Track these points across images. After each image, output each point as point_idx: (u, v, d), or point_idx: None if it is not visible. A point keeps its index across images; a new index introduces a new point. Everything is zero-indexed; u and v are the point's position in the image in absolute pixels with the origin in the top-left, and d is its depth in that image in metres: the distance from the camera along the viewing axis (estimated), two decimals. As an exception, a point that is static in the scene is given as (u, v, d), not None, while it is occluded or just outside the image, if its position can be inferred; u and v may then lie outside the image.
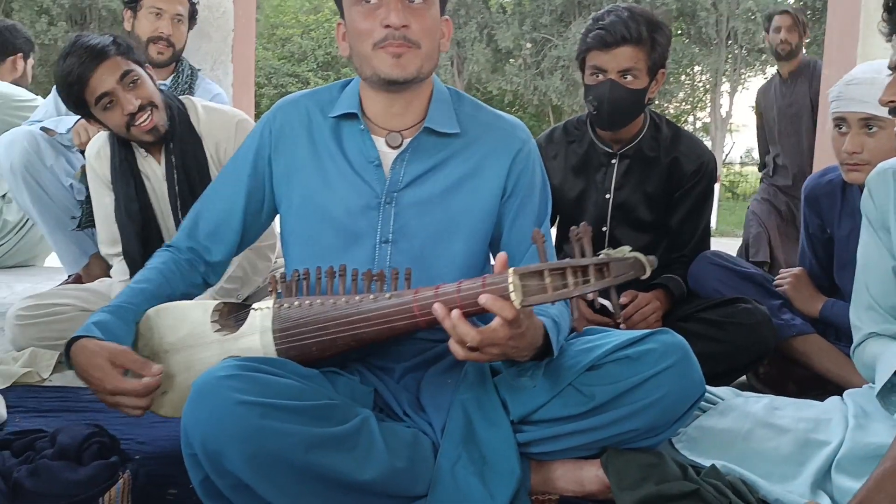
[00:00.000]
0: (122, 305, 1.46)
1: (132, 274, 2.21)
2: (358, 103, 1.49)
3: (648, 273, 1.18)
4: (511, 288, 1.16)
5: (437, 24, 1.43)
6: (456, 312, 1.19)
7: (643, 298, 2.09)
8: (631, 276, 1.17)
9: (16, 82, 3.52)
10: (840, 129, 1.94)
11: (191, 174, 2.12)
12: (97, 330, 1.40)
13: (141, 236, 2.16)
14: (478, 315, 1.22)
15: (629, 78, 2.07)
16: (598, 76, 2.09)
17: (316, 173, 1.50)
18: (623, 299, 2.06)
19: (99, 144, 2.21)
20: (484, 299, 1.17)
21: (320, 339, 1.35)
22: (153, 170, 2.19)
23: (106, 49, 2.00)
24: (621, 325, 2.04)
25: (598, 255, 1.17)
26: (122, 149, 2.16)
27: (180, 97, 2.25)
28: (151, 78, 2.12)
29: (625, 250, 1.18)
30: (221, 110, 2.28)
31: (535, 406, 1.36)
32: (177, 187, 2.14)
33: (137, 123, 2.04)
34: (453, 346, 1.21)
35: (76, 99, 2.03)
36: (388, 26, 1.36)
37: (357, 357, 1.49)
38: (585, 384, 1.34)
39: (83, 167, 2.46)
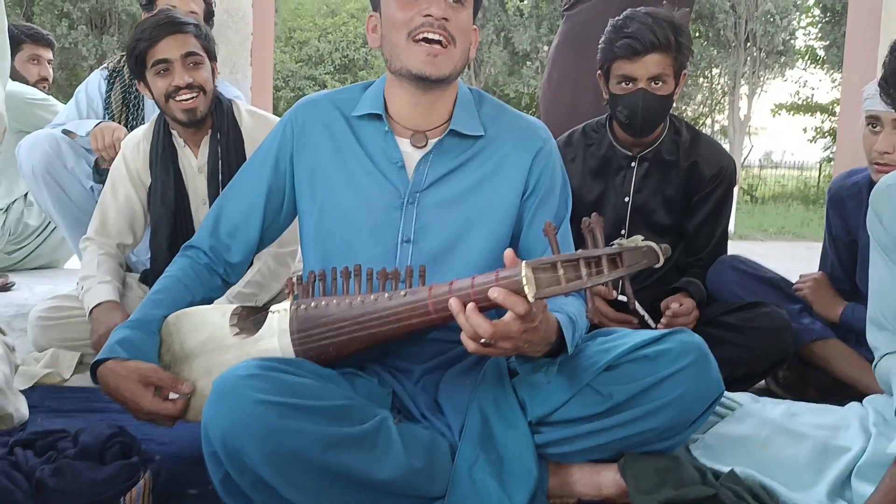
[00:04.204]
0: (143, 318, 1.48)
1: (153, 260, 2.25)
2: (382, 104, 1.50)
3: (661, 262, 1.17)
4: (524, 281, 1.15)
5: (470, 26, 1.46)
6: (470, 305, 1.19)
7: (687, 306, 2.06)
8: (644, 265, 1.16)
9: (41, 79, 3.58)
10: (873, 127, 1.92)
11: (232, 168, 2.15)
12: (121, 350, 1.41)
13: (172, 224, 2.20)
14: (493, 309, 1.22)
15: (659, 84, 2.06)
16: (627, 84, 2.08)
17: (339, 172, 1.50)
18: (674, 306, 2.03)
19: (138, 138, 2.26)
20: (495, 293, 1.17)
21: (337, 339, 1.35)
22: (189, 162, 2.23)
23: (185, 24, 2.11)
24: (659, 326, 2.02)
25: (611, 245, 1.17)
26: (165, 137, 2.21)
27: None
28: (214, 73, 2.19)
29: (637, 239, 1.18)
30: (263, 116, 2.33)
31: (554, 407, 1.36)
32: (219, 176, 2.18)
33: (179, 98, 2.10)
34: (465, 339, 1.21)
35: (139, 55, 2.10)
36: (428, 15, 1.37)
37: (375, 358, 1.49)
38: (603, 384, 1.34)
39: (97, 160, 2.49)
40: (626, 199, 2.21)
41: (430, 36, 1.39)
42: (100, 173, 2.50)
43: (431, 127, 1.50)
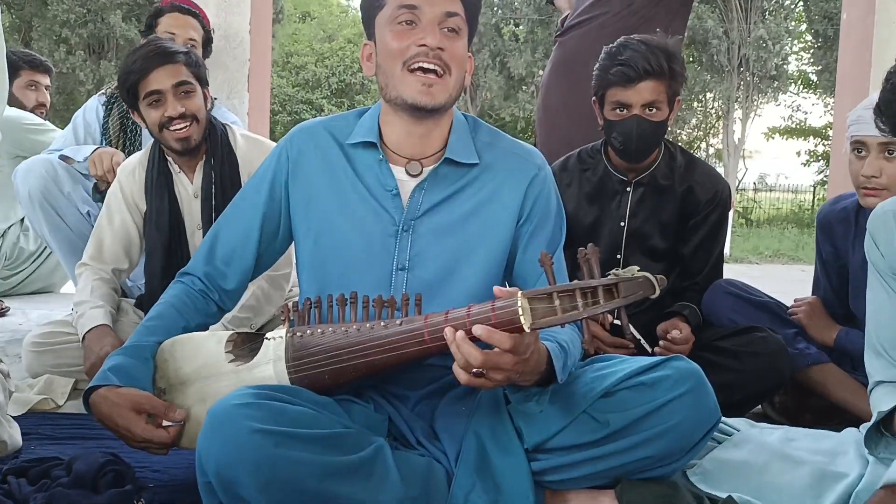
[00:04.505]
0: (137, 344, 1.47)
1: (147, 285, 2.25)
2: (376, 132, 1.51)
3: (658, 292, 1.18)
4: (520, 311, 1.16)
5: (465, 55, 1.46)
6: (460, 333, 1.19)
7: (685, 333, 2.05)
8: (640, 295, 1.17)
9: (39, 105, 3.59)
10: (859, 153, 1.94)
11: (226, 193, 2.15)
12: (114, 377, 1.40)
13: (167, 248, 2.20)
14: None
15: (653, 110, 2.08)
16: (621, 111, 2.09)
17: (334, 199, 1.51)
18: (674, 333, 2.03)
19: (134, 163, 2.27)
20: (479, 331, 1.18)
21: (333, 367, 1.35)
22: (185, 187, 2.24)
23: (175, 54, 2.11)
24: (656, 350, 2.02)
25: (607, 275, 1.17)
26: (160, 163, 2.22)
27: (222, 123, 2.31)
28: (206, 98, 2.19)
29: (633, 270, 1.18)
30: (258, 141, 2.34)
31: (550, 434, 1.35)
32: (213, 201, 2.18)
33: (172, 128, 2.10)
34: (457, 370, 1.22)
35: (131, 87, 2.11)
36: (423, 45, 1.38)
37: (371, 384, 1.49)
38: (600, 411, 1.34)
39: (97, 182, 2.49)
40: (622, 223, 2.22)
41: (426, 66, 1.39)
42: (100, 193, 2.50)
43: (426, 155, 1.50)
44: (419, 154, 1.50)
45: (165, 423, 1.40)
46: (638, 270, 1.19)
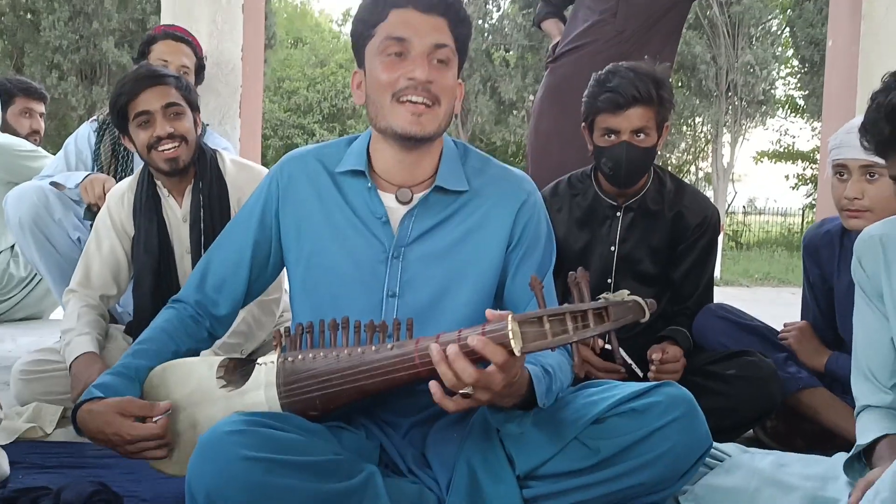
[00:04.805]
0: (124, 365, 1.47)
1: (136, 310, 2.23)
2: (365, 160, 1.51)
3: (647, 316, 1.19)
4: (511, 335, 1.16)
5: (455, 84, 1.47)
6: (454, 348, 1.19)
7: (674, 353, 2.07)
8: (630, 319, 1.18)
9: (32, 132, 3.60)
10: (841, 176, 1.96)
11: (215, 217, 2.16)
12: (98, 391, 1.41)
13: (155, 273, 2.19)
14: (477, 363, 1.22)
15: (642, 136, 2.10)
16: (610, 137, 2.11)
17: (325, 226, 1.51)
18: (656, 355, 2.04)
19: (123, 189, 2.27)
20: (474, 341, 1.17)
21: (324, 392, 1.35)
22: (173, 211, 2.24)
23: (165, 77, 2.13)
24: (650, 376, 2.02)
25: (597, 299, 1.18)
26: (150, 187, 2.22)
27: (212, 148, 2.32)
28: (196, 124, 2.21)
29: (623, 294, 1.19)
30: (248, 166, 2.34)
31: (541, 460, 1.35)
32: (201, 225, 2.18)
33: (161, 148, 2.11)
34: (443, 399, 1.21)
35: (121, 109, 2.12)
36: (412, 78, 1.39)
37: (363, 411, 1.48)
38: (591, 438, 1.34)
39: (88, 206, 2.49)
40: (612, 248, 2.23)
41: (415, 98, 1.40)
42: (92, 213, 2.49)
43: (416, 182, 1.51)
44: (409, 181, 1.51)
45: (155, 418, 1.39)
46: (628, 294, 1.19)
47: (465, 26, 1.46)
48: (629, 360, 2.06)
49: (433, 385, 1.21)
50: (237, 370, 1.47)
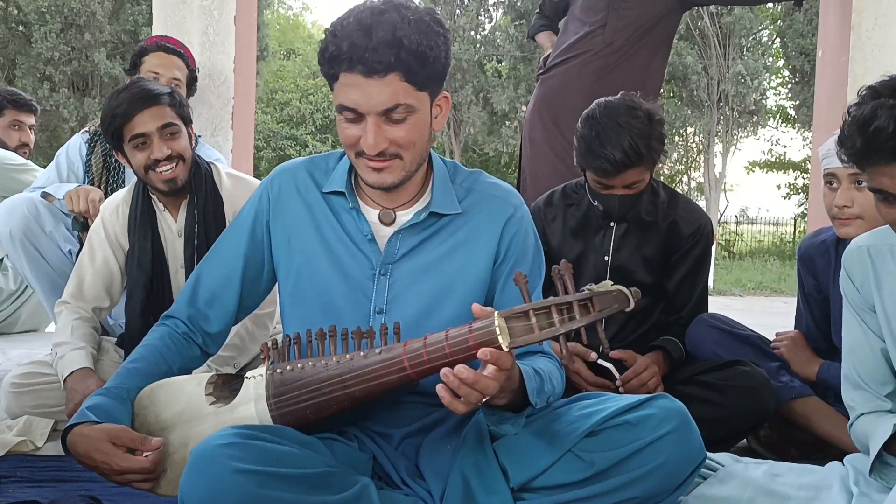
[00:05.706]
0: (117, 386, 1.45)
1: (127, 324, 2.22)
2: (347, 181, 1.51)
3: (632, 305, 1.19)
4: (498, 331, 1.16)
5: (424, 124, 1.41)
6: (470, 375, 1.19)
7: (641, 363, 2.08)
8: (615, 308, 1.18)
9: (21, 144, 3.59)
10: (831, 185, 1.97)
11: (210, 232, 2.15)
12: (91, 414, 1.38)
13: (148, 287, 2.18)
14: (468, 362, 1.23)
15: (635, 186, 2.12)
16: (603, 188, 2.13)
17: (315, 240, 1.51)
18: (623, 355, 2.06)
19: (118, 201, 2.25)
20: (482, 353, 1.18)
21: (315, 402, 1.34)
22: (169, 225, 2.23)
23: (160, 96, 2.10)
24: (620, 389, 2.03)
25: (582, 290, 1.18)
26: (144, 202, 2.21)
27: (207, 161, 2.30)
28: (190, 137, 2.19)
29: (607, 284, 1.19)
30: (244, 179, 2.34)
31: (536, 472, 1.34)
32: (196, 240, 2.17)
33: (158, 170, 2.10)
34: (454, 403, 1.21)
35: (115, 130, 2.10)
36: (367, 144, 1.37)
37: (355, 422, 1.48)
38: (585, 450, 1.33)
39: (74, 216, 2.47)
40: (606, 258, 2.24)
41: (373, 162, 1.39)
42: (80, 223, 2.48)
43: (399, 204, 1.50)
44: (392, 204, 1.50)
45: (146, 453, 1.37)
46: (612, 284, 1.19)
47: (426, 67, 1.35)
48: (608, 364, 2.07)
49: (440, 388, 1.21)
50: (226, 386, 1.46)
